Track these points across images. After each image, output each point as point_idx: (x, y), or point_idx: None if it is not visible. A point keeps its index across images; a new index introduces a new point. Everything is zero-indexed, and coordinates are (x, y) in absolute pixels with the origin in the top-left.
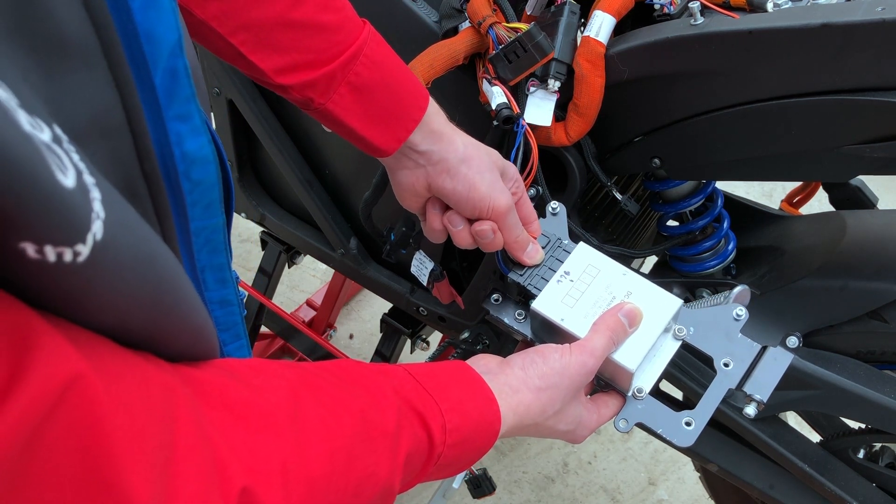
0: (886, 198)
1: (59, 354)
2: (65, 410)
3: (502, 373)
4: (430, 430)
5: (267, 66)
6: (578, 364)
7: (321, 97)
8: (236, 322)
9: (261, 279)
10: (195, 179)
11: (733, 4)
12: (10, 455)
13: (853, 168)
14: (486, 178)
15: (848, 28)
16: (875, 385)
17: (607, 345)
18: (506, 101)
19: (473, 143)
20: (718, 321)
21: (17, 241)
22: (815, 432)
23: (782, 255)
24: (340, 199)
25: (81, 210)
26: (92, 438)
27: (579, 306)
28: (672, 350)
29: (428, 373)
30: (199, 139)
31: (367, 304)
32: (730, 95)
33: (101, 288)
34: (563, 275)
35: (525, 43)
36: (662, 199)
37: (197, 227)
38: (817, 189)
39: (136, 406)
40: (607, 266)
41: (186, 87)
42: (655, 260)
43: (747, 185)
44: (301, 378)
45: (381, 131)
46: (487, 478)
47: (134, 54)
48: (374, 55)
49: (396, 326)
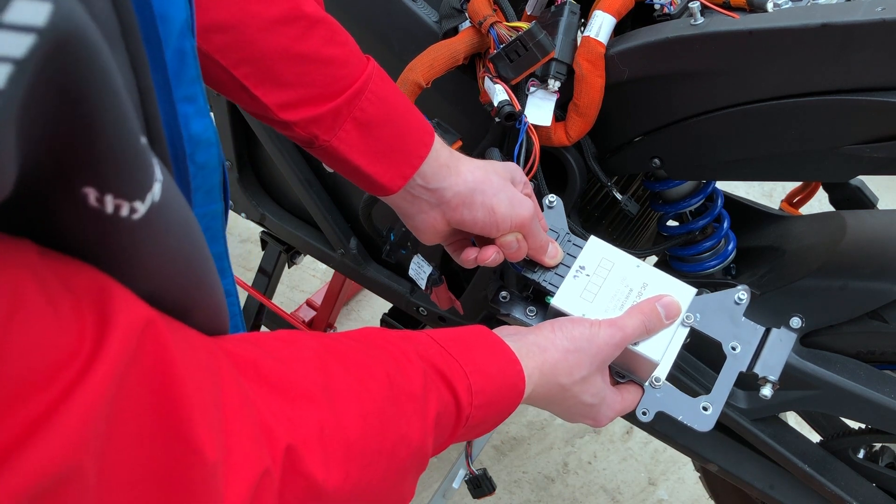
0: (886, 198)
1: (133, 301)
2: (143, 352)
3: (531, 333)
4: (457, 392)
5: (271, 101)
6: (607, 335)
7: (326, 134)
8: (234, 313)
9: (261, 279)
10: (199, 162)
11: (733, 4)
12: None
13: (853, 168)
14: (503, 197)
15: (848, 28)
16: (875, 385)
17: (638, 327)
18: (507, 99)
19: (480, 167)
20: (722, 306)
21: (83, 184)
22: (815, 432)
23: (782, 255)
24: (340, 199)
25: (149, 168)
26: (165, 386)
27: (598, 300)
28: (682, 337)
29: (450, 337)
30: (204, 120)
31: (367, 304)
32: (730, 95)
33: (145, 251)
34: (579, 269)
35: (526, 42)
36: (662, 199)
37: (198, 213)
38: (817, 189)
39: (194, 360)
40: (621, 259)
41: (193, 67)
42: (655, 260)
43: (747, 185)
44: (326, 347)
45: (386, 168)
46: (487, 478)
47: (149, 35)
48: (379, 91)
49: (396, 326)
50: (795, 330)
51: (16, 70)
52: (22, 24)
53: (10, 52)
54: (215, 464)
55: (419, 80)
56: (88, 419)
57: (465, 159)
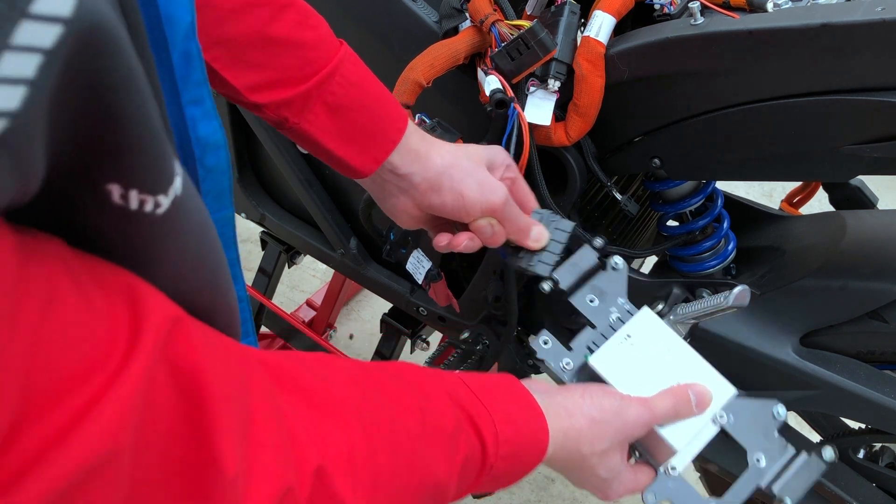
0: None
1: (162, 298)
2: (172, 351)
3: (560, 394)
4: (484, 438)
5: (240, 84)
6: (636, 413)
7: (295, 116)
8: (245, 319)
9: (261, 279)
10: (208, 166)
11: (733, 4)
12: (143, 390)
13: (853, 168)
14: (472, 182)
15: (848, 28)
16: (875, 385)
17: (668, 412)
18: (500, 87)
19: (452, 150)
20: (758, 414)
21: (107, 180)
22: (815, 432)
23: (782, 255)
24: (340, 199)
25: (170, 161)
26: (192, 387)
27: (636, 371)
28: (710, 435)
29: (480, 383)
30: (212, 123)
31: (367, 304)
32: (730, 95)
33: (169, 248)
34: (626, 337)
35: (528, 40)
36: (662, 199)
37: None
38: (817, 189)
39: (223, 363)
40: (669, 337)
41: (199, 70)
42: (655, 260)
43: (747, 185)
44: (363, 373)
45: (358, 152)
46: None
47: (156, 38)
48: (351, 75)
49: (396, 326)
50: (827, 462)
51: (45, 61)
52: (49, 15)
53: (39, 43)
54: (235, 476)
55: (420, 80)
56: (126, 412)
57: (437, 143)
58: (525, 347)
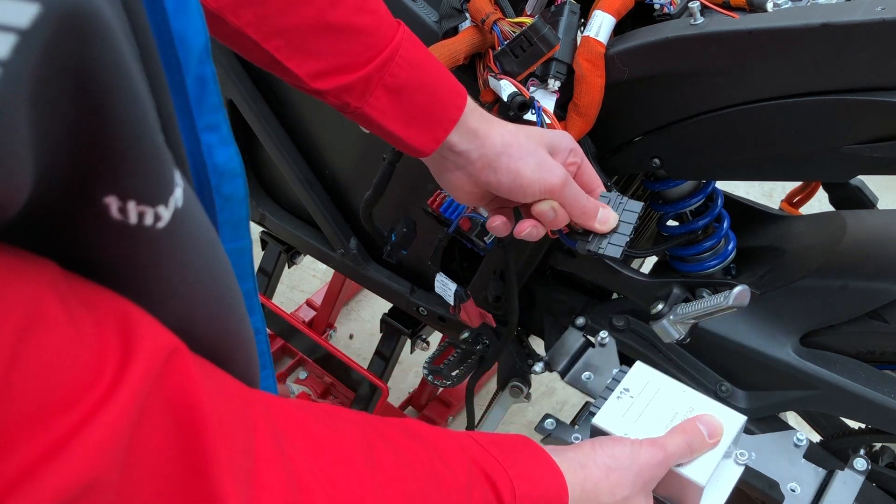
0: (886, 198)
1: (158, 328)
2: (167, 383)
3: (571, 450)
4: (500, 494)
5: (303, 72)
6: (649, 454)
7: (357, 101)
8: (263, 351)
9: (261, 279)
10: (226, 194)
11: (733, 4)
12: (129, 423)
13: (853, 168)
14: (531, 161)
15: (848, 28)
16: (875, 385)
17: (681, 447)
18: (516, 90)
19: (512, 131)
20: (779, 446)
21: (104, 193)
22: (815, 432)
23: (782, 255)
24: (340, 199)
25: (168, 170)
26: (189, 422)
27: (641, 421)
28: (736, 476)
29: (491, 440)
30: (229, 150)
31: (367, 304)
32: (730, 95)
33: (172, 266)
34: (623, 391)
35: (531, 36)
36: (662, 199)
37: (227, 249)
38: (817, 189)
39: (224, 401)
40: (667, 384)
41: (215, 94)
42: (655, 260)
43: (747, 185)
44: (371, 424)
45: (419, 132)
46: None
47: (168, 60)
48: (410, 56)
49: (396, 326)
50: (861, 472)
51: (20, 41)
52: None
53: (12, 21)
54: None
55: None
56: (107, 447)
57: (498, 122)
58: (525, 347)
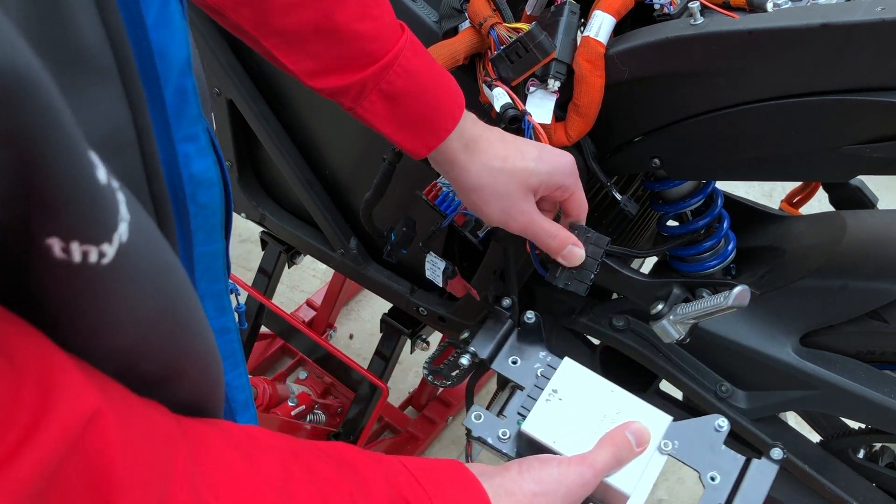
0: (886, 198)
1: (80, 390)
2: (81, 449)
3: (498, 475)
4: None
5: (298, 69)
6: (576, 475)
7: (351, 102)
8: (235, 350)
9: (261, 279)
10: (201, 203)
11: (733, 4)
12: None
13: (853, 168)
14: (496, 207)
15: (848, 28)
16: (875, 385)
17: (609, 461)
18: (510, 101)
19: (493, 170)
20: (701, 433)
21: (46, 235)
22: (815, 432)
23: (782, 255)
24: (340, 199)
25: (111, 207)
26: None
27: (570, 426)
28: (660, 465)
29: (423, 467)
30: (206, 160)
31: (367, 304)
32: (730, 95)
33: (120, 299)
34: (552, 393)
35: (527, 43)
36: (662, 199)
37: (199, 252)
38: (817, 189)
39: (142, 453)
40: (595, 383)
41: (194, 106)
42: (655, 260)
43: (747, 185)
44: (294, 452)
45: (411, 137)
46: None
47: (147, 71)
48: (409, 65)
49: (396, 326)
50: (777, 461)
51: None
52: None
53: None
54: None
55: None
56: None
57: (482, 154)
58: None
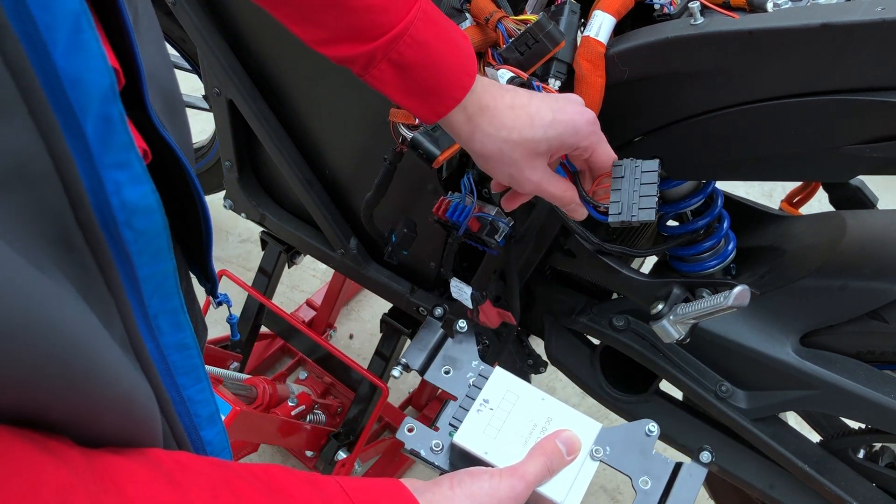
0: (886, 198)
1: None
2: None
3: (429, 491)
4: None
5: (307, 38)
6: (508, 487)
7: (360, 70)
8: (196, 365)
9: (261, 279)
10: (139, 229)
11: (733, 4)
12: None
13: (853, 168)
14: (504, 173)
15: (848, 28)
16: (875, 385)
17: (540, 471)
18: (514, 75)
19: (500, 139)
20: (632, 438)
21: None
22: (815, 432)
23: (782, 255)
24: (340, 199)
25: None
26: None
27: (501, 436)
28: (591, 471)
29: (359, 487)
30: (142, 188)
31: (367, 304)
32: (730, 95)
33: None
34: (483, 403)
35: (536, 33)
36: (662, 199)
37: (145, 274)
38: (817, 189)
39: None
40: (525, 392)
41: (122, 133)
42: (655, 260)
43: (747, 185)
44: (225, 479)
45: (420, 105)
46: None
47: (59, 100)
48: (420, 35)
49: (396, 326)
50: (705, 464)
51: None
52: None
53: None
54: None
55: None
56: None
57: (490, 121)
58: (525, 347)
